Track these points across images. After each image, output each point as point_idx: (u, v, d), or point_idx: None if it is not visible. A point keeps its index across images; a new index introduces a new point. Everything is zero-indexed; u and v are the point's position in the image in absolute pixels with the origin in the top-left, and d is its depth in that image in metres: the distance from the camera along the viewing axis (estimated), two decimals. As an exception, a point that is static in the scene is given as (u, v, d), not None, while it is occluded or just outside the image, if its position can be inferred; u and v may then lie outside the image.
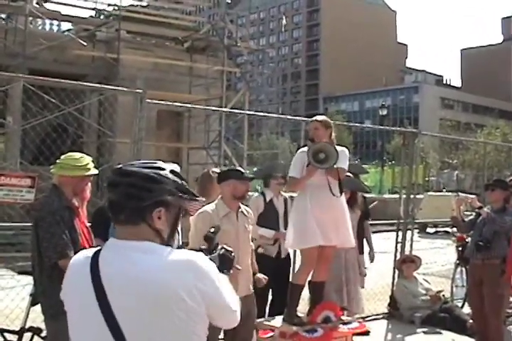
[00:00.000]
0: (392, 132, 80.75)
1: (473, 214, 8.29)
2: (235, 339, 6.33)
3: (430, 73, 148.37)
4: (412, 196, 10.90)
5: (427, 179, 46.57)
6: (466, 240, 9.93)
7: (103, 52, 26.21)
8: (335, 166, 6.70)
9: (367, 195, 31.73)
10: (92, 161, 5.64)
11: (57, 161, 5.54)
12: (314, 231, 6.73)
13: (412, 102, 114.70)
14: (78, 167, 5.46)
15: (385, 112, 51.72)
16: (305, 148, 6.93)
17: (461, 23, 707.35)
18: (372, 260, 9.22)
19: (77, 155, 5.60)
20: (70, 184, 5.45)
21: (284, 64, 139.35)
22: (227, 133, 29.23)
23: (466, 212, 9.13)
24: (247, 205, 6.90)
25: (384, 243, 11.83)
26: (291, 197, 7.86)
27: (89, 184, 5.66)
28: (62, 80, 7.79)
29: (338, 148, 6.78)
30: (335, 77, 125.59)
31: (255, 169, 14.73)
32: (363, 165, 50.97)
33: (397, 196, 18.58)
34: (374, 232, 11.21)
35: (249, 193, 8.30)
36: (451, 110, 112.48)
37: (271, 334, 6.84)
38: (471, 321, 8.71)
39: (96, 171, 5.55)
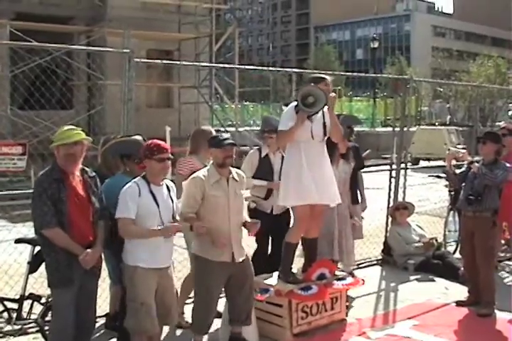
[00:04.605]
0: (385, 62, 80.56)
1: (465, 166, 8.29)
2: (236, 299, 6.48)
3: (421, 0, 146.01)
4: (405, 129, 10.89)
5: (419, 110, 46.47)
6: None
7: (89, -7, 25.77)
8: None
9: (360, 129, 31.46)
10: (82, 130, 5.67)
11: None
12: (310, 189, 6.79)
13: (403, 31, 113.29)
14: (66, 137, 5.51)
15: (376, 45, 51.09)
16: (294, 103, 6.90)
17: None
18: (363, 210, 9.24)
19: (66, 127, 5.66)
20: (61, 154, 5.51)
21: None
22: (218, 71, 28.99)
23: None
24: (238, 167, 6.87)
25: (378, 178, 11.84)
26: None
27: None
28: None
29: None
30: (326, 5, 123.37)
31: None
32: (355, 98, 50.83)
33: (389, 129, 18.59)
34: (368, 166, 11.25)
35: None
36: (443, 38, 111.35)
37: (267, 295, 6.95)
38: (463, 269, 8.84)
39: (82, 136, 5.55)
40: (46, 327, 6.26)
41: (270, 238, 8.07)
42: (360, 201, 8.98)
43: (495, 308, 7.93)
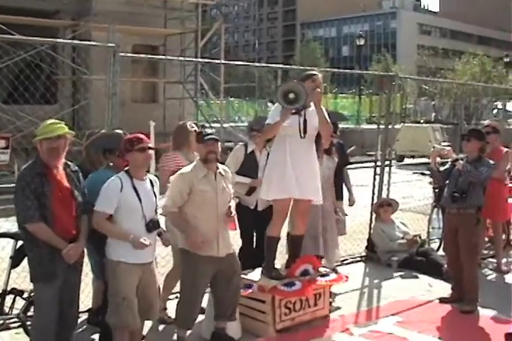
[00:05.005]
0: (370, 59, 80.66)
1: (449, 163, 8.30)
2: (224, 294, 6.48)
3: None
4: (390, 126, 10.88)
5: (404, 107, 46.57)
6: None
7: (75, -13, 25.58)
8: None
9: (345, 126, 31.44)
10: (66, 124, 5.64)
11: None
12: (292, 183, 6.79)
13: (389, 28, 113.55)
14: (49, 131, 5.50)
15: (362, 42, 51.05)
16: None
17: None
18: (352, 204, 9.23)
19: (50, 121, 5.64)
20: (44, 148, 5.48)
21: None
22: (204, 66, 28.90)
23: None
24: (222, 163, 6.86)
25: (362, 175, 11.85)
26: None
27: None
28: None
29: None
30: (312, 2, 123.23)
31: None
32: (340, 94, 50.78)
33: (374, 126, 18.62)
34: (352, 163, 11.24)
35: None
36: (429, 36, 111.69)
37: (250, 291, 6.94)
38: (446, 266, 8.86)
39: (65, 130, 5.54)
40: (28, 322, 6.22)
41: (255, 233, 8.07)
42: (349, 196, 9.04)
43: (478, 305, 7.96)
